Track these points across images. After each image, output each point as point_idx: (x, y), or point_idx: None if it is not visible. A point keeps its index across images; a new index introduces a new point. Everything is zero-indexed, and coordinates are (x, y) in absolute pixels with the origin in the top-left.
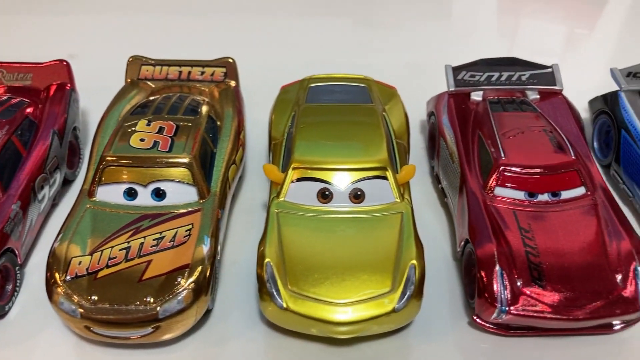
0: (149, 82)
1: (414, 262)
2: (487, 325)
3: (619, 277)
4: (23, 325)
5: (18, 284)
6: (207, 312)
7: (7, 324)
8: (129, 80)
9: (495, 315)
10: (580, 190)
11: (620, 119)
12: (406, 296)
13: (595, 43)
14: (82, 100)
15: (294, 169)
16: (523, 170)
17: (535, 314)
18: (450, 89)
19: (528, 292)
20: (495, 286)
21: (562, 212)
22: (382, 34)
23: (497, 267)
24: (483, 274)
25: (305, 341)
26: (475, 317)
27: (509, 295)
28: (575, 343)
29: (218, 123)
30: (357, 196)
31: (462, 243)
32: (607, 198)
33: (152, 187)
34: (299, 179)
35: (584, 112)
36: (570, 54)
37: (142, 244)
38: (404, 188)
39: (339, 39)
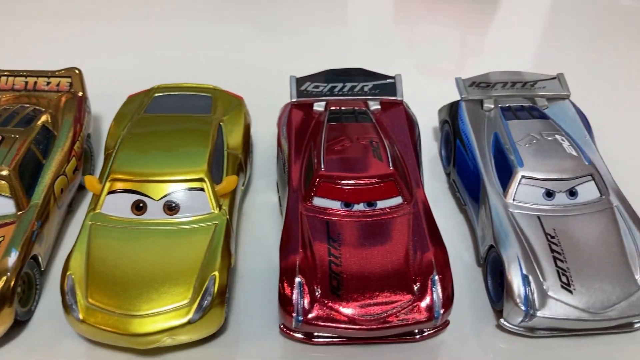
0: None
1: (215, 273)
2: (292, 333)
3: (416, 286)
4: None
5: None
6: (23, 323)
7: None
8: None
9: (294, 324)
10: (396, 200)
11: (457, 128)
12: (202, 308)
13: (487, 48)
14: None
15: (110, 180)
16: (339, 181)
17: (329, 324)
18: (292, 100)
19: (325, 302)
20: (293, 296)
21: (375, 221)
22: (272, 39)
23: (297, 278)
24: (283, 284)
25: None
26: (282, 326)
27: (305, 305)
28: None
29: (55, 133)
30: (171, 208)
31: None
32: (424, 209)
33: None
34: (114, 191)
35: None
36: (465, 60)
37: None
38: (226, 199)
39: (218, 46)
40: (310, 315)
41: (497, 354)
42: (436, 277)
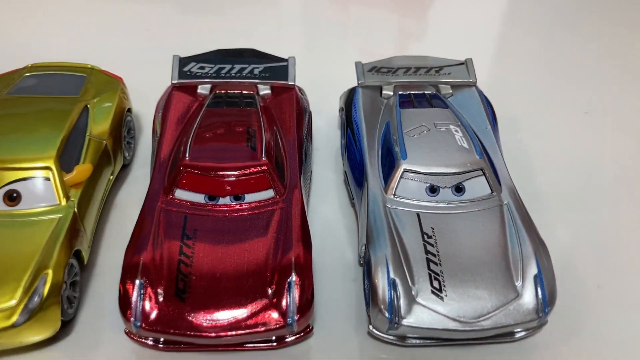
0: None
1: (48, 271)
2: (138, 338)
3: (271, 289)
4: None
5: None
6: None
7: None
8: None
9: (133, 329)
10: (267, 194)
11: (349, 116)
12: (28, 310)
13: (428, 32)
14: None
15: None
16: (203, 171)
17: (170, 330)
18: (173, 81)
19: (166, 306)
20: (132, 299)
21: (240, 217)
22: (199, 19)
23: (138, 279)
24: (123, 285)
25: None
26: (126, 331)
27: (145, 309)
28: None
29: None
30: (11, 198)
31: None
32: (297, 204)
33: None
34: None
35: None
36: (404, 45)
37: None
38: (77, 189)
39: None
40: (149, 321)
41: None
42: (294, 280)
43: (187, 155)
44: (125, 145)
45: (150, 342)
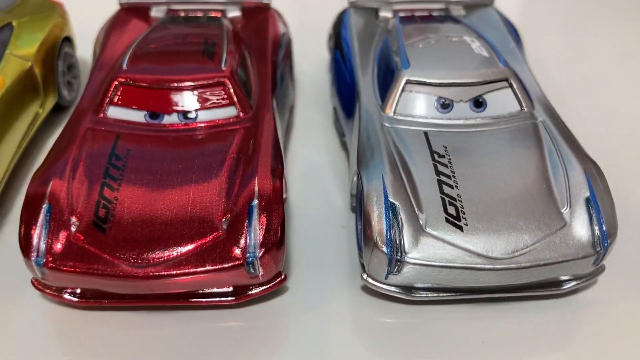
0: None
1: None
2: (48, 290)
3: (225, 218)
4: None
5: None
6: None
7: None
8: None
9: (35, 269)
10: (228, 111)
11: (338, 38)
12: None
13: None
14: None
15: None
16: (143, 83)
17: (82, 269)
18: (121, 1)
19: (80, 238)
20: (35, 230)
21: (189, 136)
22: None
23: (45, 204)
24: (24, 216)
25: None
26: (33, 279)
27: (52, 242)
28: None
29: None
30: None
31: None
32: (266, 123)
33: None
34: None
35: None
36: None
37: None
38: None
39: None
40: (55, 256)
41: (360, 329)
42: (255, 204)
43: (124, 65)
44: (64, 83)
45: (63, 295)
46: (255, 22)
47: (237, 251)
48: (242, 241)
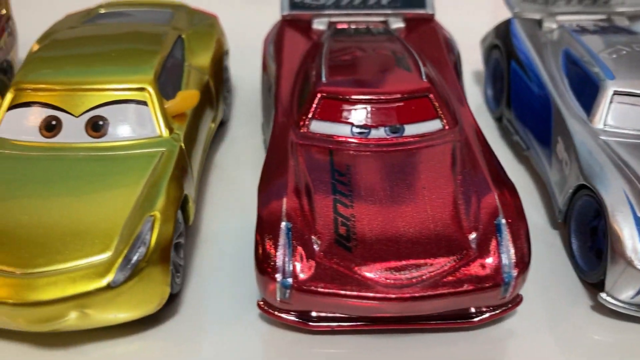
0: None
1: (155, 214)
2: (277, 313)
3: (472, 236)
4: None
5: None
6: None
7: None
8: None
9: (278, 293)
10: (433, 125)
11: (511, 48)
12: (131, 264)
13: None
14: None
15: (12, 90)
16: (347, 96)
17: (336, 290)
18: (283, 13)
19: (328, 257)
20: (277, 251)
21: (401, 152)
22: None
23: (284, 222)
24: (261, 236)
25: None
26: (260, 303)
27: (296, 263)
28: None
29: None
30: (96, 127)
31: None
32: (476, 135)
33: None
34: (17, 105)
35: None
36: None
37: None
38: (182, 123)
39: None
40: (303, 277)
41: (591, 350)
42: (502, 222)
43: (322, 78)
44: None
45: (295, 319)
46: (420, 33)
47: (493, 271)
48: (496, 261)
